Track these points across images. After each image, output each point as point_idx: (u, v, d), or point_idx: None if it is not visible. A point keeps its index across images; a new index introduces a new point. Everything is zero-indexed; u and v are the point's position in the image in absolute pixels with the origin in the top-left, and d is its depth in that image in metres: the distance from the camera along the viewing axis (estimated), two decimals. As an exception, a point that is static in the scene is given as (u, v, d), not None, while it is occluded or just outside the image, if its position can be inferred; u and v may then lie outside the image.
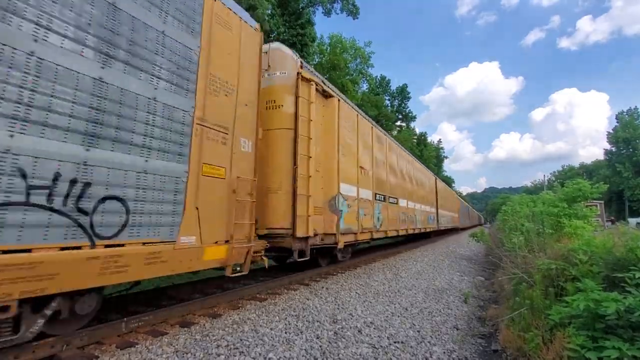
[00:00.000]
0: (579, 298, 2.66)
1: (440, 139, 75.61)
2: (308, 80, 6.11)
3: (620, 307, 2.34)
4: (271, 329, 3.67)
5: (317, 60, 31.51)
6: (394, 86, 55.20)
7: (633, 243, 3.42)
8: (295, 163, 5.60)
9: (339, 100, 7.19)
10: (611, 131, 60.07)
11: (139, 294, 4.68)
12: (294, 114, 5.80)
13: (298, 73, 5.97)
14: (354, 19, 28.37)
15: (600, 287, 2.84)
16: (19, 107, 2.35)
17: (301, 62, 6.15)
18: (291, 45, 19.92)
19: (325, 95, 6.93)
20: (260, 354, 3.04)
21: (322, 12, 27.27)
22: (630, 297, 2.48)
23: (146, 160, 3.18)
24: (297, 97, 5.86)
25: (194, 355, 2.96)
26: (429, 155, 58.83)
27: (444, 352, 3.30)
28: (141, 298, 4.55)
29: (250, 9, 16.22)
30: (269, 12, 18.68)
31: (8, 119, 2.30)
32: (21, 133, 2.36)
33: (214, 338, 3.34)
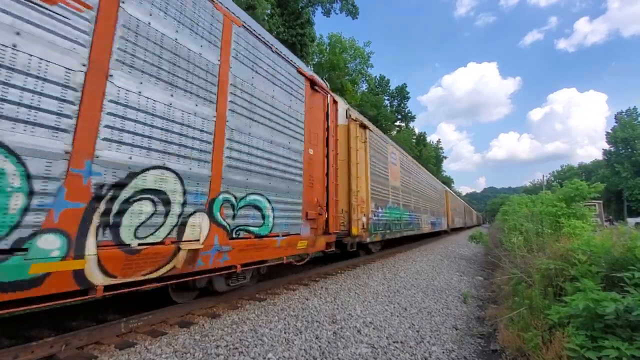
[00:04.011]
0: (578, 298, 2.66)
1: (439, 139, 75.70)
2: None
3: (619, 307, 2.34)
4: (270, 329, 3.67)
5: (316, 60, 31.53)
6: (393, 86, 55.29)
7: (632, 243, 3.42)
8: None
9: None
10: (610, 131, 60.18)
11: (138, 294, 4.68)
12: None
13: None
14: (353, 18, 28.42)
15: (599, 286, 2.85)
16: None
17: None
18: (291, 45, 19.91)
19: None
20: (259, 354, 3.04)
21: (322, 12, 27.31)
22: (629, 296, 2.48)
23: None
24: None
25: (193, 355, 2.96)
26: (429, 155, 58.94)
27: (443, 352, 3.30)
28: (140, 298, 4.54)
29: (250, 8, 16.21)
30: (269, 12, 18.67)
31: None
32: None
33: (213, 338, 3.34)
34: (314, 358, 3.03)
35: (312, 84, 6.02)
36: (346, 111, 8.16)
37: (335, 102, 6.94)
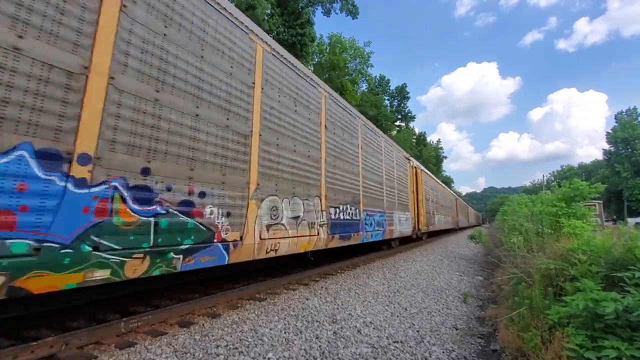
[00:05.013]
0: (578, 298, 2.66)
1: (439, 139, 75.75)
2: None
3: (619, 307, 2.34)
4: (270, 329, 3.67)
5: (316, 60, 31.52)
6: (393, 86, 55.35)
7: (632, 243, 3.43)
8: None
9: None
10: (610, 131, 60.19)
11: (139, 294, 4.68)
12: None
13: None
14: (353, 18, 28.43)
15: (599, 286, 2.85)
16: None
17: None
18: (291, 45, 19.91)
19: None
20: (259, 354, 3.04)
21: (322, 12, 27.32)
22: (629, 296, 2.48)
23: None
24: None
25: (193, 355, 2.96)
26: (429, 155, 58.95)
27: (443, 352, 3.30)
28: (140, 298, 4.54)
29: (250, 8, 16.22)
30: (269, 12, 18.67)
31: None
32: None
33: (213, 338, 3.34)
34: (314, 358, 3.03)
35: None
36: None
37: None
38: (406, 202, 12.78)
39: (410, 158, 14.62)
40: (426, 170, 18.14)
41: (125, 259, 2.86)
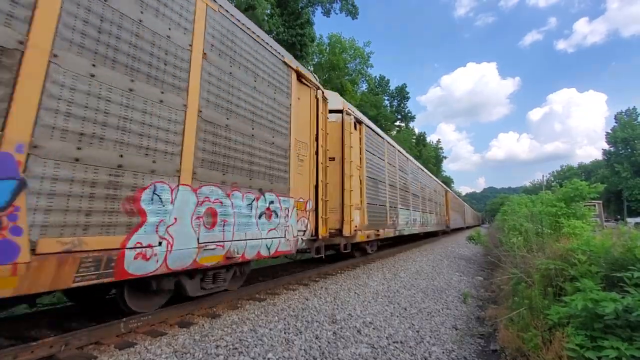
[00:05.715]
0: (577, 298, 2.66)
1: (439, 139, 75.68)
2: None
3: (619, 307, 2.34)
4: (270, 329, 3.67)
5: (316, 60, 31.54)
6: (393, 86, 55.39)
7: (632, 243, 3.43)
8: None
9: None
10: (610, 131, 60.24)
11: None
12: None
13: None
14: (353, 19, 28.40)
15: (598, 286, 2.85)
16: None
17: None
18: (291, 46, 19.91)
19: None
20: (259, 354, 3.04)
21: (322, 12, 27.30)
22: (628, 296, 2.48)
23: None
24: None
25: (193, 355, 2.96)
26: (428, 155, 58.95)
27: (443, 352, 3.30)
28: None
29: (250, 8, 16.23)
30: (268, 12, 18.68)
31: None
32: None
33: (213, 338, 3.34)
34: (314, 358, 3.03)
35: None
36: None
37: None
38: (281, 172, 5.22)
39: (313, 81, 6.37)
40: (376, 128, 10.11)
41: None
